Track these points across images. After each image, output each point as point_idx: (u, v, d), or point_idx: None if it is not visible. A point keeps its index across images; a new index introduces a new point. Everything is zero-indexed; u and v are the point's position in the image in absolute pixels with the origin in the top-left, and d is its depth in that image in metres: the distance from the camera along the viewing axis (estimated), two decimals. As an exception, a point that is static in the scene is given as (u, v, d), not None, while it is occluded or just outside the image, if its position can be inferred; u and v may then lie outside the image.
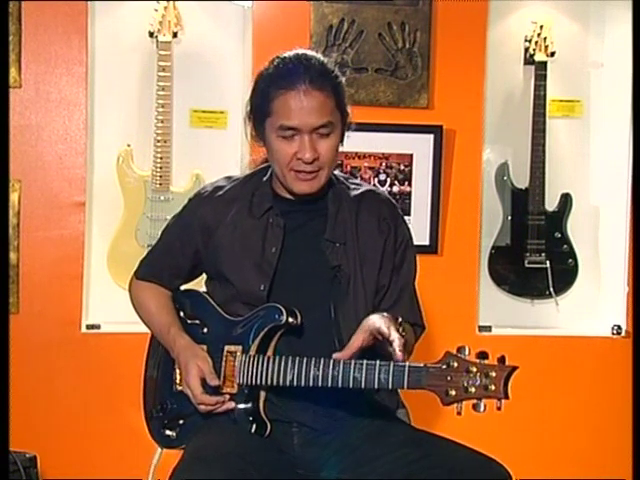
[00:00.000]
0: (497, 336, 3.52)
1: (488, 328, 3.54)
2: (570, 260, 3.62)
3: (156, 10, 3.30)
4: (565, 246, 3.62)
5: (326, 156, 2.09)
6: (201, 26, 3.46)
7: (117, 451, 3.31)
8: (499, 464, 1.99)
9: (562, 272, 3.61)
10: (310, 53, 2.14)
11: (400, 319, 2.02)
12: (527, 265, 3.58)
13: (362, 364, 1.93)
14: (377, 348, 1.99)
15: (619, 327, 3.61)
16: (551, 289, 3.60)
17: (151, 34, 3.33)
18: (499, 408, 1.79)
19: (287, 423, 2.12)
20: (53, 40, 3.28)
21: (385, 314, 2.01)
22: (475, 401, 1.81)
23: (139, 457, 2.50)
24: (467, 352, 1.83)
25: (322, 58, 2.14)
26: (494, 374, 1.79)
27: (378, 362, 1.92)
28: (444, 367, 1.83)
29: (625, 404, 2.89)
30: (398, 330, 1.93)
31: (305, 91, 2.04)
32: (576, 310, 3.69)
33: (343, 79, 2.16)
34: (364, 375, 1.93)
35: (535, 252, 3.58)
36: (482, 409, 1.81)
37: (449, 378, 1.83)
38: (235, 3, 3.47)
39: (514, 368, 1.80)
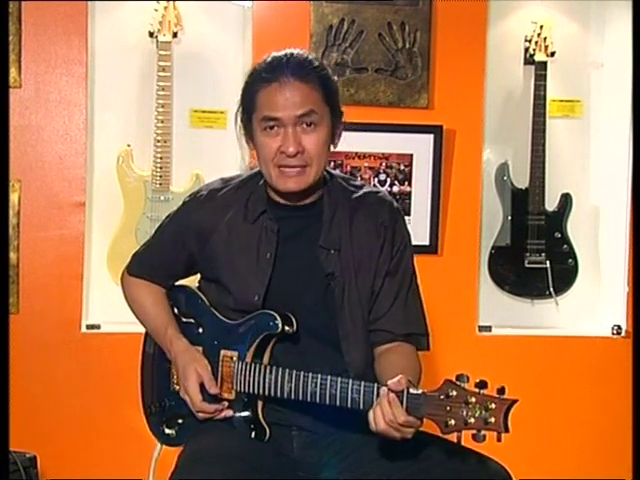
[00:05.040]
0: (497, 336, 3.52)
1: (488, 328, 3.54)
2: (570, 260, 3.62)
3: (156, 10, 3.30)
4: (565, 246, 3.62)
5: (312, 151, 2.04)
6: (201, 26, 3.45)
7: (117, 451, 3.31)
8: (499, 464, 1.99)
9: (562, 272, 3.61)
10: (299, 50, 2.11)
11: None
12: (527, 265, 3.58)
13: (360, 385, 1.92)
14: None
15: (619, 327, 3.61)
16: (551, 289, 3.60)
17: (151, 34, 3.33)
18: (499, 440, 1.75)
19: (286, 427, 2.12)
20: (53, 40, 3.28)
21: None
22: (475, 431, 1.77)
23: (139, 457, 2.50)
24: (466, 380, 1.79)
25: (309, 55, 2.11)
26: (493, 406, 1.75)
27: (376, 385, 1.90)
28: (442, 397, 1.79)
29: (625, 404, 2.89)
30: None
31: (287, 82, 2.02)
32: (576, 310, 3.69)
33: (334, 76, 2.14)
34: (362, 397, 1.91)
35: (535, 252, 3.58)
36: (482, 439, 1.77)
37: (448, 408, 1.79)
38: (235, 3, 3.47)
39: (514, 401, 1.76)
